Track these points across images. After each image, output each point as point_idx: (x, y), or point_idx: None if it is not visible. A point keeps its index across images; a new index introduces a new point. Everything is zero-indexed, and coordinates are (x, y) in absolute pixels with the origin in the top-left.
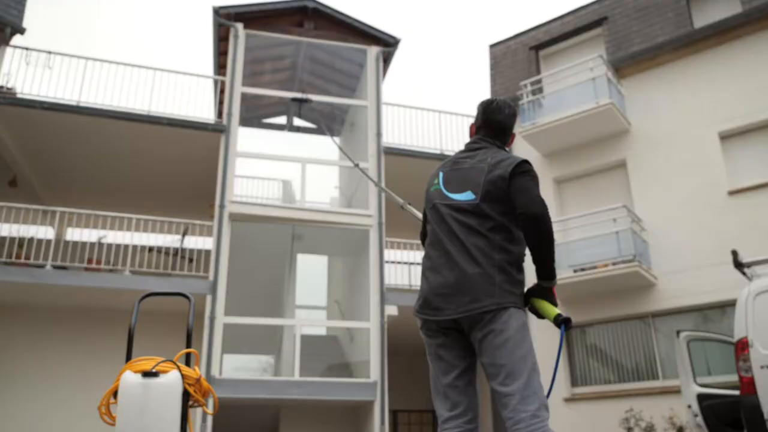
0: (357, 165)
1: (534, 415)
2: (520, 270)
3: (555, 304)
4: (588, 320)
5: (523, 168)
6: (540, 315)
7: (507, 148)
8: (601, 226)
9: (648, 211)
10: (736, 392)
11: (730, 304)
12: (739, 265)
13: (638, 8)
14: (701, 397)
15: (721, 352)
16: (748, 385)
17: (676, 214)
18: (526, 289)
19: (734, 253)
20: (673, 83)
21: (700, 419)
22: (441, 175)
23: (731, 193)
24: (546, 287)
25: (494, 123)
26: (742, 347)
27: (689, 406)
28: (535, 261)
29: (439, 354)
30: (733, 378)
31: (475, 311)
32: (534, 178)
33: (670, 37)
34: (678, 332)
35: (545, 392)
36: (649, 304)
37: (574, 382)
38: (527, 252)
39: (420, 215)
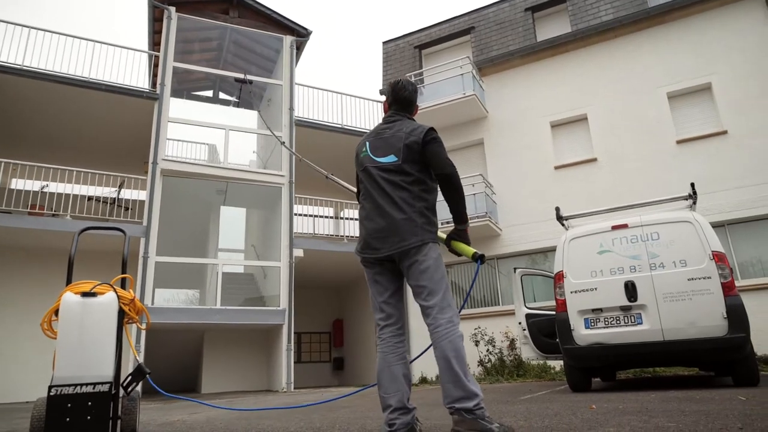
0: (283, 143)
1: (449, 320)
2: (435, 214)
3: (469, 243)
4: (450, 261)
5: (431, 135)
6: (459, 254)
7: (413, 118)
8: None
9: (498, 179)
10: (553, 312)
11: (551, 250)
12: (559, 219)
13: (497, 22)
14: (528, 316)
15: (544, 284)
16: (561, 305)
17: (517, 182)
18: (446, 236)
19: (557, 209)
20: (520, 82)
21: (526, 332)
22: (368, 144)
23: (556, 167)
24: (461, 229)
25: (402, 99)
26: (559, 278)
27: (520, 323)
28: (451, 210)
29: (376, 279)
30: (551, 303)
31: (404, 248)
32: (440, 143)
33: (519, 46)
34: (515, 269)
35: (458, 309)
36: (495, 249)
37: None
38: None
39: (342, 183)
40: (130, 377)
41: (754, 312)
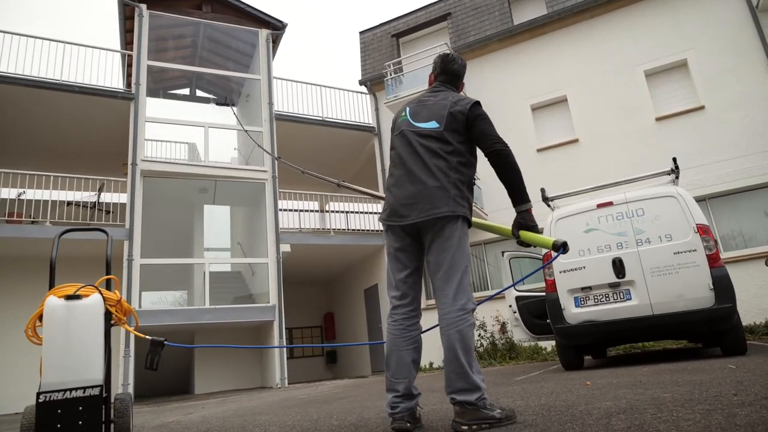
0: (279, 158)
1: (461, 308)
2: (470, 190)
3: (536, 225)
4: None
5: (477, 111)
6: (532, 245)
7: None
8: None
9: (481, 164)
10: (542, 293)
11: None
12: (545, 200)
13: (474, 7)
14: (518, 299)
15: (532, 266)
16: (551, 285)
17: None
18: (511, 226)
19: (542, 191)
20: (498, 66)
21: (517, 314)
22: (408, 109)
23: (539, 150)
24: (524, 210)
25: (450, 71)
26: (547, 259)
27: (510, 306)
28: (509, 191)
29: (396, 255)
30: (540, 285)
31: (434, 216)
32: (488, 120)
33: (496, 31)
34: (503, 253)
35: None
36: (482, 234)
37: (428, 296)
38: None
39: (355, 187)
40: (149, 354)
41: (737, 283)
